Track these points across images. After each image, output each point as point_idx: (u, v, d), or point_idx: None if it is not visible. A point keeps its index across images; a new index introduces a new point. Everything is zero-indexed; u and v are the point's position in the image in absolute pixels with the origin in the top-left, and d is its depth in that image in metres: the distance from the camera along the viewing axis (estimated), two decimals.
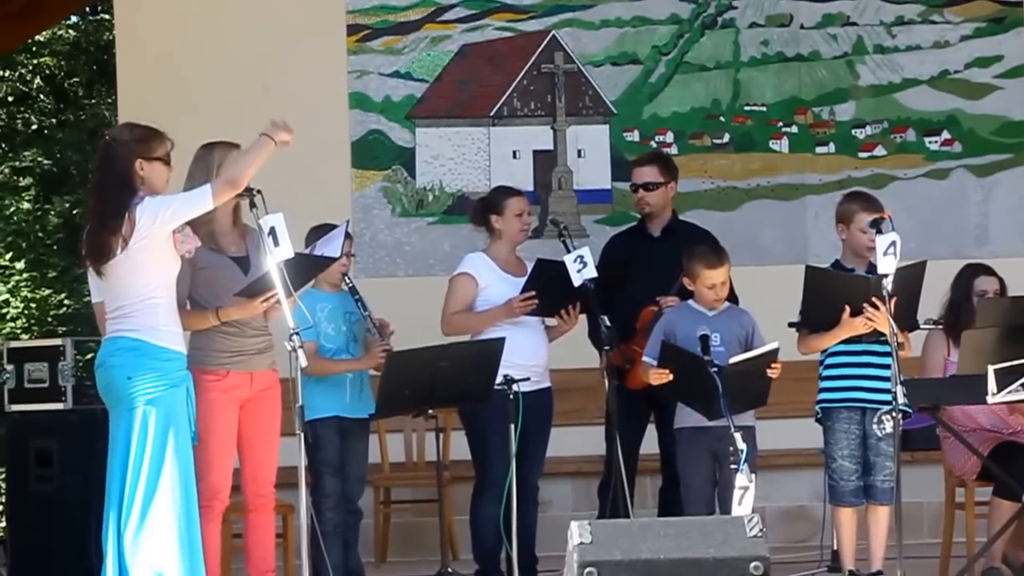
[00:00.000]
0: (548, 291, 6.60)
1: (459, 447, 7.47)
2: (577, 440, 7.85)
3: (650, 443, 7.01)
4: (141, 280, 5.46)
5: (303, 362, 5.47)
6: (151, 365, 5.42)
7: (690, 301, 6.53)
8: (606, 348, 6.48)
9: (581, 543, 4.84)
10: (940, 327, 6.82)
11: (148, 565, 5.35)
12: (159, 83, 8.67)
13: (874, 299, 6.16)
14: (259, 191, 5.82)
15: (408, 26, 8.97)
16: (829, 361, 6.52)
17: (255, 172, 5.49)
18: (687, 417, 6.36)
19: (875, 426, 6.39)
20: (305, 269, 5.97)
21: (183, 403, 5.48)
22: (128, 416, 5.45)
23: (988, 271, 6.91)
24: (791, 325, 6.44)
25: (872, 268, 6.25)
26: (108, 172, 5.53)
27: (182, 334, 5.58)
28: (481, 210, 6.89)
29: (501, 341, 6.39)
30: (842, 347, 6.43)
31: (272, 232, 5.47)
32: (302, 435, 5.47)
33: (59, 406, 7.49)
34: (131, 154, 5.48)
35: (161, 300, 5.48)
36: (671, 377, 6.22)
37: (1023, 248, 8.76)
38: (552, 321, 6.76)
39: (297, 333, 5.48)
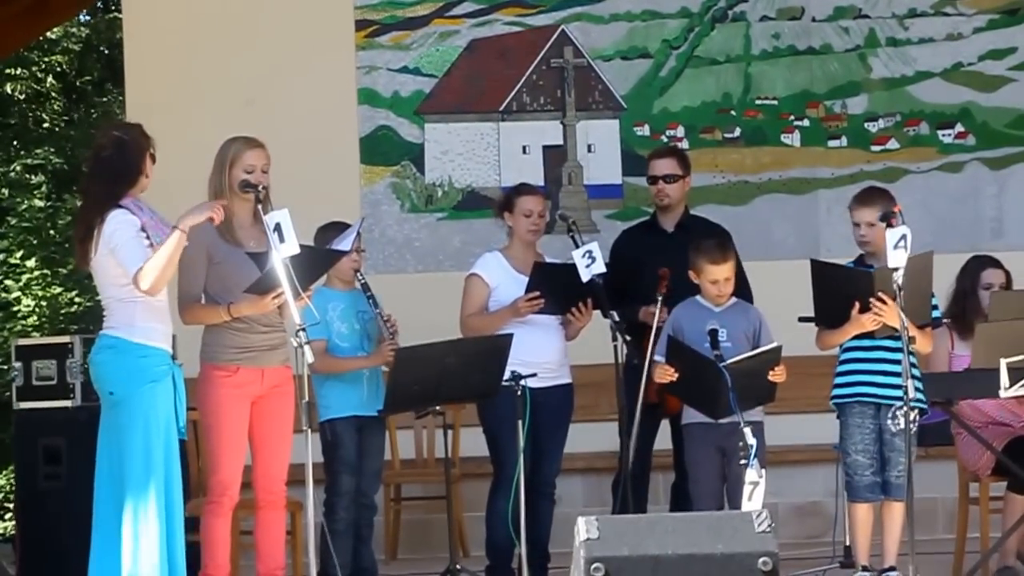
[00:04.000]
0: (554, 290, 6.57)
1: (468, 444, 7.44)
2: (588, 436, 7.80)
3: (663, 439, 6.97)
4: (116, 283, 5.51)
5: (310, 358, 5.44)
6: (127, 362, 5.44)
7: (697, 297, 6.49)
8: (615, 343, 6.43)
9: (588, 539, 4.80)
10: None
11: (126, 561, 5.37)
12: (167, 81, 8.65)
13: (880, 294, 6.11)
14: (265, 187, 5.80)
15: (416, 21, 8.94)
16: (843, 356, 6.48)
17: (172, 269, 5.46)
18: (695, 413, 6.33)
19: (889, 421, 6.34)
20: (316, 263, 5.94)
21: (165, 398, 5.48)
22: (107, 413, 5.51)
23: (995, 263, 6.85)
24: (802, 319, 6.40)
25: None
26: (113, 161, 5.54)
27: (166, 330, 5.56)
28: (499, 206, 6.91)
29: (508, 337, 6.36)
30: (854, 343, 6.38)
31: (277, 228, 5.45)
32: (308, 431, 5.44)
33: (67, 403, 7.48)
34: (144, 147, 5.54)
35: (140, 299, 5.47)
36: (676, 376, 6.18)
37: None
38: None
39: (303, 329, 5.45)
